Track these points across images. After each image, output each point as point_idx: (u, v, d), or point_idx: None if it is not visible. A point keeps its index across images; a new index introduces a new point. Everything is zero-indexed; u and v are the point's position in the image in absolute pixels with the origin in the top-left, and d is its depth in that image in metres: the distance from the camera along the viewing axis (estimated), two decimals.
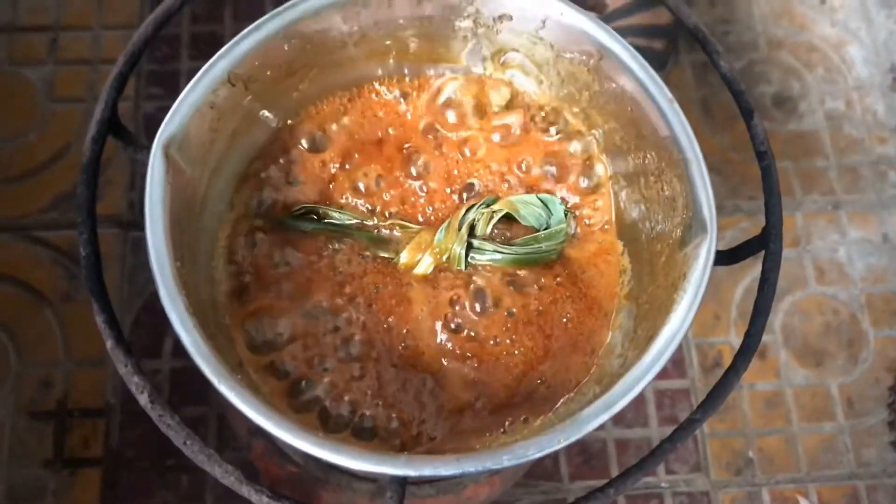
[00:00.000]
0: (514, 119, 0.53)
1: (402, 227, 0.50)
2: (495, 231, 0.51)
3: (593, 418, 0.38)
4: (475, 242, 0.49)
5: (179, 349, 0.39)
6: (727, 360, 0.69)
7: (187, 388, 0.87)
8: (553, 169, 0.52)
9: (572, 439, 0.38)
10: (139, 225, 0.41)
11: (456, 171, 0.52)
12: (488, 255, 0.49)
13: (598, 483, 0.42)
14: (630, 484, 0.42)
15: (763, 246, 0.47)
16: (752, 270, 0.95)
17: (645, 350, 0.41)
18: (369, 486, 0.65)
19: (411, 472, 0.37)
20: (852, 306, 0.96)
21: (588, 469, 0.87)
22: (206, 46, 1.02)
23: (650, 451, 0.43)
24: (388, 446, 0.46)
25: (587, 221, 0.52)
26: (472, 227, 0.50)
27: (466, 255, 0.49)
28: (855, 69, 1.07)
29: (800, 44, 1.08)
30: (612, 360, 0.47)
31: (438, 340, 0.48)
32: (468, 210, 0.50)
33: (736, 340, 0.89)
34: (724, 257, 0.47)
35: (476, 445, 0.46)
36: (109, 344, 0.43)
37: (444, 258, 0.49)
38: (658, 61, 1.00)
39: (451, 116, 0.53)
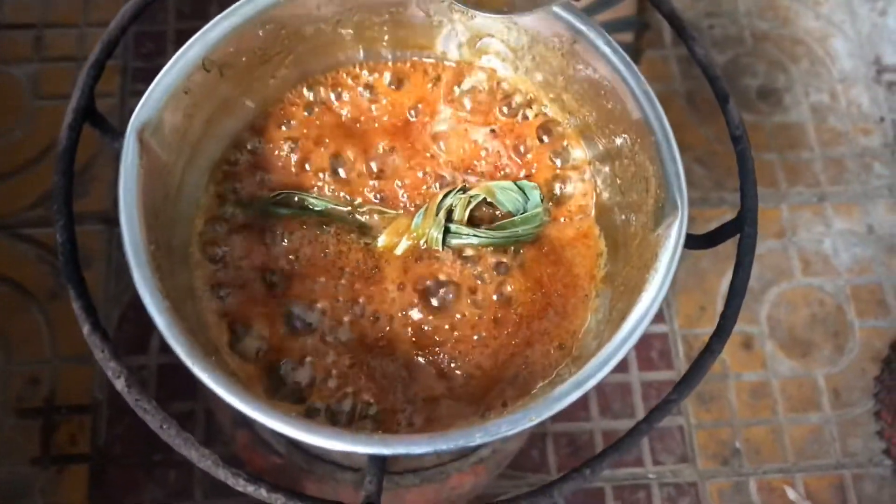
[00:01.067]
0: (491, 105, 0.54)
1: (379, 212, 0.51)
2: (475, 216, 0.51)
3: (564, 397, 0.38)
4: (452, 227, 0.49)
5: (166, 345, 0.39)
6: None
7: (174, 385, 0.87)
8: (531, 154, 0.53)
9: (543, 417, 0.38)
10: None
11: (433, 156, 0.52)
12: (465, 240, 0.49)
13: None
14: (607, 464, 0.42)
15: (738, 229, 0.47)
16: None
17: (617, 329, 0.41)
18: (353, 476, 0.65)
19: (384, 451, 0.38)
20: (838, 297, 0.96)
21: (575, 460, 0.87)
22: None
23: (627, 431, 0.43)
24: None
25: (566, 207, 0.52)
26: (449, 212, 0.50)
27: (444, 240, 0.49)
28: (839, 62, 1.08)
29: (784, 37, 1.08)
30: (589, 342, 0.47)
31: (418, 328, 0.48)
32: (446, 195, 0.50)
33: None
34: (701, 241, 0.48)
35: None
36: (86, 329, 0.43)
37: (422, 242, 0.49)
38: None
39: (428, 103, 0.53)
